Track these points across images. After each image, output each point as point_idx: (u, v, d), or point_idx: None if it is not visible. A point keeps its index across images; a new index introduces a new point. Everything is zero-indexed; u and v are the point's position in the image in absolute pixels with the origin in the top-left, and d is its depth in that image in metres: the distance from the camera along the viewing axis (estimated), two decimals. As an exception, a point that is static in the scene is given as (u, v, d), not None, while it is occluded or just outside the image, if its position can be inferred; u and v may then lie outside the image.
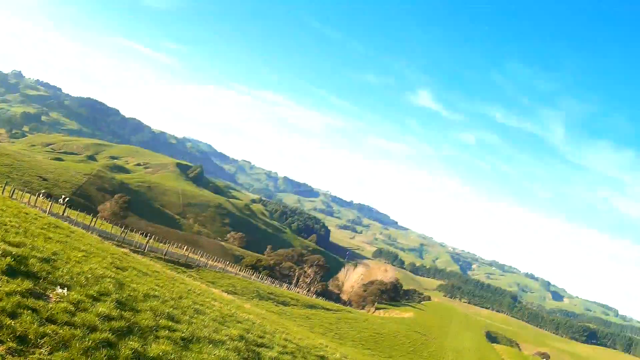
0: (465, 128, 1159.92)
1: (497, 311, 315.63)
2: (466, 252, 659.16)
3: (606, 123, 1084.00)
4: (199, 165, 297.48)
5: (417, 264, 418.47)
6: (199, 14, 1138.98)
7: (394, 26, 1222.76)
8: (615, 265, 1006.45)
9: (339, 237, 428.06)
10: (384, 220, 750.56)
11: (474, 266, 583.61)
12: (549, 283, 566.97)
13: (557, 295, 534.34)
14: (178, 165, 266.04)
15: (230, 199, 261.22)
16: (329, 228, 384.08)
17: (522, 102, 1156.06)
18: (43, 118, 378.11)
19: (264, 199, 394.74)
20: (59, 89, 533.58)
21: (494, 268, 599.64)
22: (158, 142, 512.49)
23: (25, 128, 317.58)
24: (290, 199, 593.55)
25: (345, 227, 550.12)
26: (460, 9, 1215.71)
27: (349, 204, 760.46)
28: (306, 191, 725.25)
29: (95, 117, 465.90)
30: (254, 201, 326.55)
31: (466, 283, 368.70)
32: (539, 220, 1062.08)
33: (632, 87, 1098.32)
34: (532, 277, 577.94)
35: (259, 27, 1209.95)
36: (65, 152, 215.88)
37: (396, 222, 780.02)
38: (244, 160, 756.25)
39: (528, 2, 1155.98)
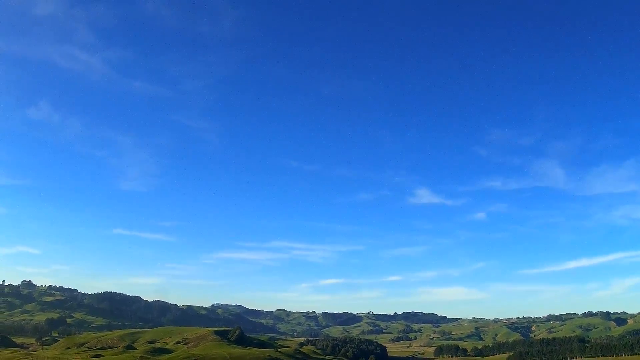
0: (473, 208, 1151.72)
1: (570, 359, 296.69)
2: (522, 317, 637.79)
3: (596, 148, 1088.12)
4: (237, 327, 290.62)
5: (480, 347, 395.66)
6: (180, 190, 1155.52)
7: (371, 141, 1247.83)
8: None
9: (396, 349, 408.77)
10: (433, 320, 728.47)
11: (533, 328, 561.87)
12: (608, 313, 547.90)
13: (621, 320, 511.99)
14: (216, 332, 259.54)
15: (279, 349, 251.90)
16: (383, 345, 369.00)
17: (514, 163, 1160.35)
18: (68, 321, 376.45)
19: (310, 339, 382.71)
20: (74, 290, 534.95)
21: (552, 322, 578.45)
22: (188, 316, 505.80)
23: (54, 333, 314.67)
24: (335, 331, 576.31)
25: (398, 339, 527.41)
26: (432, 94, 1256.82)
27: (393, 317, 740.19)
28: (348, 319, 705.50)
29: (119, 309, 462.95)
30: (302, 344, 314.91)
31: (531, 346, 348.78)
32: (570, 264, 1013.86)
33: (606, 108, 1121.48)
34: (590, 314, 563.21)
35: (241, 185, 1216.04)
36: (102, 348, 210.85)
37: (445, 317, 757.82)
38: (279, 310, 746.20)
39: (490, 70, 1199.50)
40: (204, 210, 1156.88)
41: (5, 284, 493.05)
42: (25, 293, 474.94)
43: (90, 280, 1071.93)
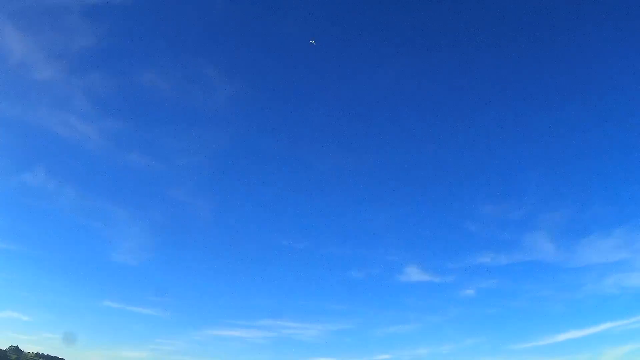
0: (463, 285, 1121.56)
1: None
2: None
3: (585, 218, 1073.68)
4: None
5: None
6: (172, 266, 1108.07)
7: (362, 218, 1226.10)
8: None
9: None
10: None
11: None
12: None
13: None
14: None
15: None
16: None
17: (504, 237, 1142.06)
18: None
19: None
20: (63, 359, 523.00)
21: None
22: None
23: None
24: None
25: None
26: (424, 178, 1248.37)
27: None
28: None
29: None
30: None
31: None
32: (560, 337, 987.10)
33: (595, 176, 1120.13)
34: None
35: (232, 262, 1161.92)
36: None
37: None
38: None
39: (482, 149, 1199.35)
40: (195, 287, 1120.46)
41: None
42: (13, 358, 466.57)
43: (79, 350, 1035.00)
